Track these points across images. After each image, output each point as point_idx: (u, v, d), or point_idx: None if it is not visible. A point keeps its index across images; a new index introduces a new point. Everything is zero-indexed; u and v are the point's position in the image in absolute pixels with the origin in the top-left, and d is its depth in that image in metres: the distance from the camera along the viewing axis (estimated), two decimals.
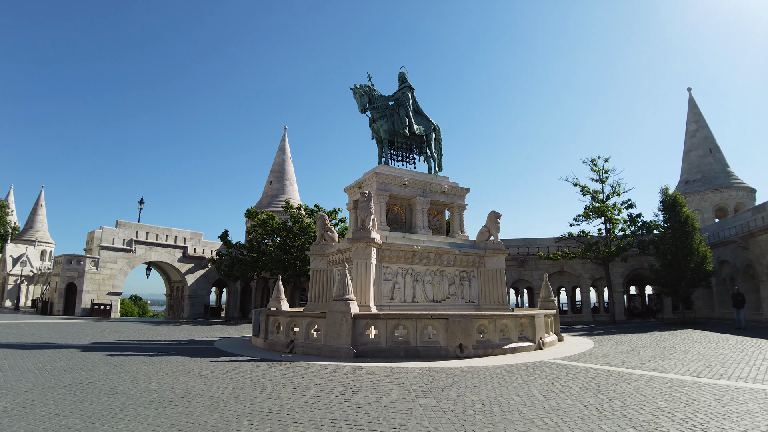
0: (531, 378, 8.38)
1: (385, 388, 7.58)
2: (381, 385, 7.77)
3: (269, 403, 6.50)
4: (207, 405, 6.36)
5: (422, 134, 19.08)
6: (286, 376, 8.81)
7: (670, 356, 11.34)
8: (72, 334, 17.59)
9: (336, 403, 6.53)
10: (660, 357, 11.21)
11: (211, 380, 8.28)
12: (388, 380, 8.27)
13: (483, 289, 17.14)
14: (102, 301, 33.49)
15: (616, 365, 9.91)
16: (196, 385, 7.76)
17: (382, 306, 14.84)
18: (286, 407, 6.29)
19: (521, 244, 37.80)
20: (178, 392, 7.20)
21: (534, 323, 13.08)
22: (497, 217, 17.80)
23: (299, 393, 7.21)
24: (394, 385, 7.82)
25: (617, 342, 15.44)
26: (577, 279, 34.90)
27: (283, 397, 6.90)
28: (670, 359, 10.78)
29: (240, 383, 8.01)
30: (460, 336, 11.61)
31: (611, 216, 28.42)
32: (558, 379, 8.19)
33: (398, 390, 7.40)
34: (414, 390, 7.38)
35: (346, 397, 6.96)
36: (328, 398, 6.86)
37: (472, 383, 7.90)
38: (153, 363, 10.39)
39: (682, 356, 11.28)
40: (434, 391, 7.30)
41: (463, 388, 7.47)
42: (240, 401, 6.64)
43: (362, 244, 14.35)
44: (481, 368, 9.66)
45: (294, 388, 7.60)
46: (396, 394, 7.13)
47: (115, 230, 35.83)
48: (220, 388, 7.58)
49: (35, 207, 73.35)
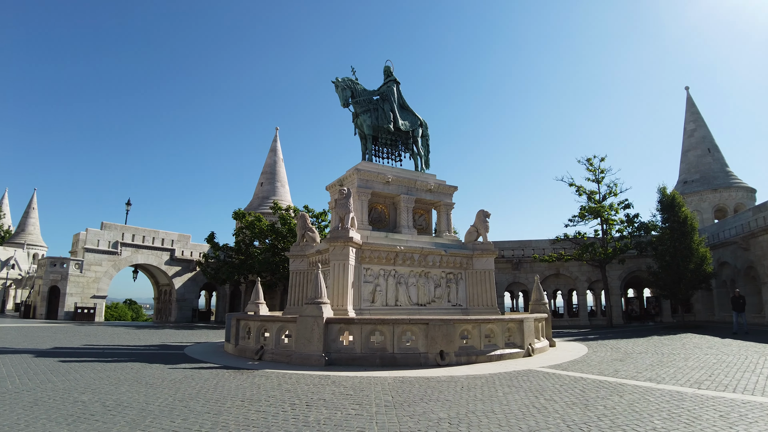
0: (513, 390, 7.49)
1: (346, 402, 6.69)
2: (342, 399, 6.88)
3: (204, 419, 5.69)
4: (131, 420, 5.60)
5: (408, 130, 18.24)
6: (241, 386, 7.94)
7: (669, 364, 10.44)
8: (40, 338, 16.67)
9: (281, 420, 5.68)
10: (658, 365, 10.31)
11: (154, 390, 7.49)
12: (353, 392, 7.38)
13: (471, 291, 16.25)
14: (86, 304, 32.58)
15: (609, 374, 9.02)
16: (134, 396, 6.99)
17: (362, 310, 13.95)
18: (220, 424, 5.49)
19: (516, 246, 36.91)
20: (108, 404, 6.44)
21: (522, 328, 12.19)
22: (486, 216, 16.96)
23: (245, 407, 6.35)
24: (357, 398, 6.93)
25: (613, 348, 14.54)
26: (574, 282, 33.99)
27: (224, 412, 6.07)
28: (669, 367, 9.88)
29: (185, 394, 7.18)
30: (440, 342, 10.71)
31: (608, 217, 27.56)
32: (543, 392, 7.30)
33: (359, 404, 6.52)
34: (377, 405, 6.49)
35: (297, 412, 6.09)
36: (275, 414, 6.00)
37: (445, 396, 7.01)
38: (104, 370, 9.56)
39: (682, 364, 10.39)
40: (399, 406, 6.41)
41: (434, 403, 6.57)
42: (172, 416, 5.84)
43: (340, 243, 13.47)
44: (460, 378, 8.77)
45: (242, 401, 6.74)
46: (355, 409, 6.24)
47: (100, 232, 34.91)
48: (159, 399, 6.80)
49: (27, 210, 72.42)
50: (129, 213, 41.93)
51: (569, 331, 24.61)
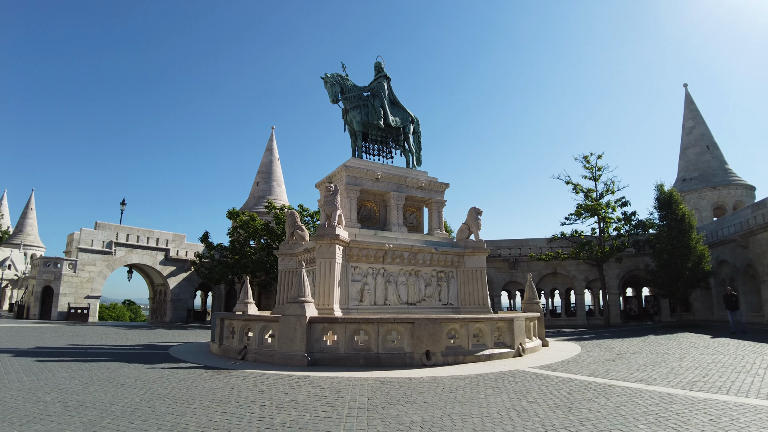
0: (496, 392, 7.17)
1: (318, 404, 6.38)
2: (315, 401, 6.56)
3: (165, 420, 5.44)
4: (88, 421, 5.39)
5: (399, 126, 17.91)
6: (215, 387, 7.65)
7: (663, 364, 10.11)
8: (25, 338, 16.36)
9: (245, 423, 5.40)
10: (651, 365, 9.98)
11: (123, 390, 7.25)
12: (329, 394, 7.06)
13: (462, 290, 15.93)
14: (80, 304, 32.26)
15: (599, 375, 8.70)
16: (100, 396, 6.75)
17: (350, 309, 13.63)
18: (180, 425, 5.24)
19: (513, 245, 36.57)
20: (69, 405, 6.20)
21: (513, 327, 11.87)
22: (478, 214, 16.64)
23: (212, 408, 6.07)
24: (331, 400, 6.61)
25: (607, 348, 14.21)
26: (571, 281, 33.64)
27: (189, 413, 5.81)
28: (662, 368, 9.55)
29: (154, 394, 6.93)
30: (426, 342, 10.39)
31: (605, 215, 27.20)
32: (527, 393, 6.98)
33: (331, 406, 6.21)
34: (350, 407, 6.18)
35: (264, 414, 5.81)
36: (241, 416, 5.71)
37: (423, 398, 6.69)
38: (79, 370, 9.29)
39: (676, 364, 10.06)
40: (373, 408, 6.09)
41: (410, 405, 6.25)
42: (133, 417, 5.61)
43: (326, 241, 13.16)
44: (444, 379, 8.45)
45: (211, 402, 6.46)
46: (326, 411, 5.93)
47: (94, 232, 34.61)
48: (125, 399, 6.56)
49: (25, 210, 72.21)
50: (124, 213, 41.73)
51: (566, 331, 24.28)
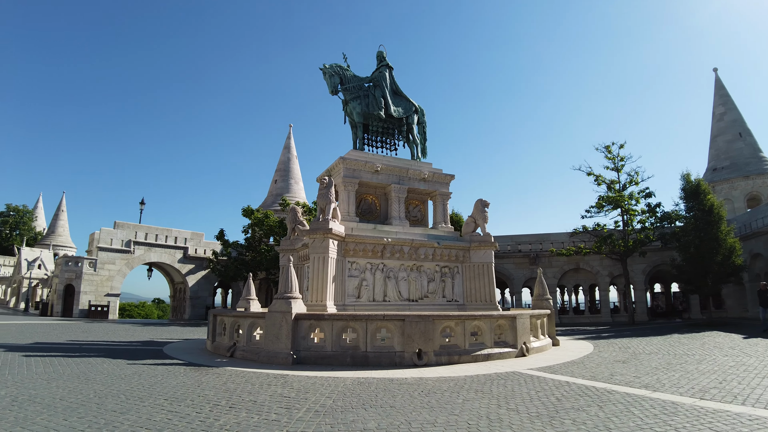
0: (478, 396, 6.50)
1: (276, 405, 5.90)
2: (275, 402, 6.08)
3: (104, 417, 5.36)
4: (23, 417, 5.32)
5: (401, 117, 17.24)
6: (182, 384, 7.37)
7: (677, 367, 9.17)
8: (30, 334, 16.51)
9: (184, 423, 5.08)
10: (664, 368, 9.06)
11: (86, 385, 7.17)
12: (295, 395, 6.56)
13: (468, 286, 15.18)
14: (100, 302, 32.90)
15: (602, 379, 7.88)
16: (57, 392, 6.67)
17: (346, 305, 13.12)
18: (114, 422, 5.09)
19: (533, 240, 35.40)
20: (18, 399, 6.19)
21: (515, 325, 11.09)
22: (485, 206, 15.83)
23: (161, 406, 5.80)
24: (292, 401, 6.10)
25: (622, 347, 13.24)
26: (595, 276, 32.23)
27: (133, 410, 5.60)
28: (675, 371, 8.63)
29: (113, 390, 6.79)
30: (418, 340, 9.76)
31: (628, 207, 25.78)
32: (511, 399, 6.29)
33: (287, 409, 5.72)
34: (308, 410, 5.66)
35: (210, 414, 5.45)
36: (185, 415, 5.39)
37: (392, 402, 6.09)
38: (59, 365, 9.24)
39: (693, 367, 9.10)
40: (331, 412, 5.55)
41: (374, 410, 5.68)
42: (74, 412, 5.54)
43: (319, 235, 12.66)
44: (429, 380, 7.82)
45: (165, 400, 6.17)
46: (278, 414, 5.46)
47: (113, 231, 35.26)
48: (79, 395, 6.45)
49: (57, 212, 74.82)
50: (143, 212, 42.48)
51: (586, 329, 23.16)
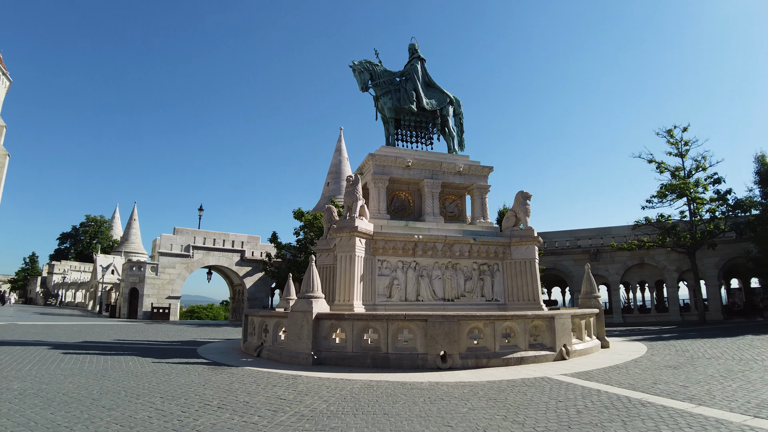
0: (489, 405, 5.90)
1: (265, 407, 5.75)
2: (268, 404, 5.94)
3: (91, 412, 5.47)
4: (18, 409, 5.57)
5: (434, 109, 16.62)
6: (190, 383, 7.47)
7: (738, 375, 7.93)
8: (85, 333, 17.63)
9: (162, 422, 5.07)
10: (721, 376, 7.87)
11: (97, 381, 7.51)
12: (293, 397, 6.34)
13: (509, 284, 14.33)
14: (161, 304, 34.86)
15: (641, 388, 6.92)
16: (64, 387, 7.02)
17: (376, 305, 12.78)
18: (96, 417, 5.23)
19: (593, 235, 33.20)
20: (26, 392, 6.57)
21: (554, 326, 10.20)
22: (526, 199, 14.89)
23: (154, 404, 5.91)
24: (285, 404, 5.88)
25: (679, 350, 11.84)
26: (661, 272, 29.60)
27: (122, 407, 5.77)
28: (734, 380, 7.46)
29: (119, 387, 7.05)
30: (442, 342, 9.20)
31: (694, 195, 23.37)
32: (523, 410, 5.64)
33: (274, 412, 5.55)
34: (293, 414, 5.44)
35: (192, 414, 5.43)
36: (166, 413, 5.43)
37: (389, 410, 5.65)
38: (86, 362, 9.70)
39: (757, 376, 7.84)
40: (316, 418, 5.28)
41: (364, 416, 5.29)
42: (65, 407, 5.69)
43: (345, 234, 12.42)
44: (445, 386, 7.29)
45: (162, 398, 6.28)
46: (261, 416, 5.34)
47: (173, 237, 37.26)
48: (85, 390, 6.77)
49: (129, 221, 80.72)
50: (201, 218, 44.61)
51: (648, 329, 21.25)
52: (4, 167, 40.46)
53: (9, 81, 42.02)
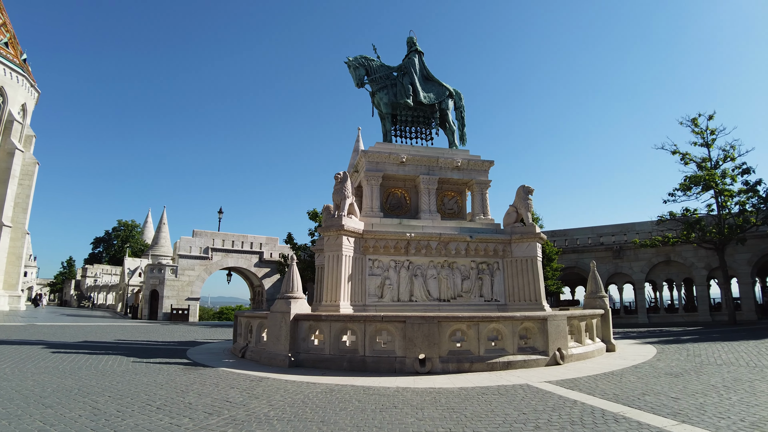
0: (440, 416, 5.43)
1: (204, 409, 5.61)
2: (210, 406, 5.76)
3: (27, 408, 5.56)
4: None
5: (432, 103, 16.06)
6: (152, 382, 7.46)
7: (744, 386, 7.08)
8: (92, 333, 17.91)
9: (89, 420, 5.09)
10: (722, 387, 7.03)
11: (61, 379, 7.50)
12: (243, 400, 6.11)
13: (510, 284, 13.65)
14: (181, 306, 35.45)
15: (625, 400, 6.19)
16: (22, 383, 7.13)
17: (366, 306, 12.36)
18: (26, 414, 5.30)
19: (617, 231, 31.82)
20: None
21: (546, 329, 9.52)
22: (528, 193, 14.16)
23: (96, 403, 5.96)
24: (228, 407, 5.61)
25: (691, 354, 10.92)
26: (689, 269, 28.00)
27: (62, 405, 5.81)
28: (737, 392, 6.64)
29: (78, 385, 7.11)
30: (421, 345, 8.70)
31: (722, 187, 21.88)
32: (475, 422, 5.14)
33: (210, 414, 5.47)
34: (226, 417, 5.27)
35: (126, 413, 5.43)
36: (103, 413, 5.44)
37: (327, 418, 5.24)
38: (66, 361, 9.78)
39: (766, 387, 6.98)
40: (244, 423, 5.00)
41: (293, 423, 4.93)
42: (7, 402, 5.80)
43: (332, 233, 12.06)
44: (410, 392, 6.81)
45: (110, 397, 6.32)
46: (192, 420, 5.24)
47: (192, 239, 37.87)
48: (41, 387, 6.79)
49: (159, 225, 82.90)
50: (221, 220, 45.23)
51: (671, 330, 20.04)
52: (34, 175, 42.17)
53: (38, 92, 43.75)
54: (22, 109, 41.03)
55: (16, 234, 38.92)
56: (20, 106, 40.61)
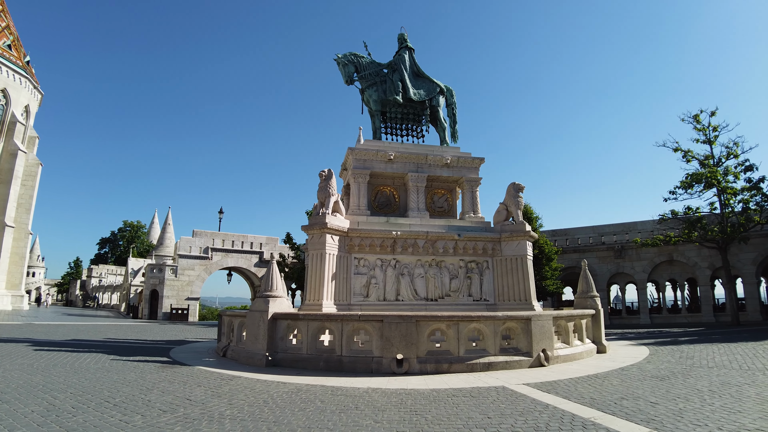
0: (403, 419, 5.19)
1: (160, 408, 5.51)
2: (168, 404, 5.61)
3: None
4: None
5: (423, 99, 15.80)
6: (120, 380, 7.39)
7: (728, 391, 6.72)
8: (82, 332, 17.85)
9: (39, 416, 5.04)
10: (707, 392, 6.69)
11: (32, 376, 7.53)
12: (203, 398, 5.92)
13: (499, 283, 13.36)
14: (180, 305, 35.46)
15: (601, 405, 5.87)
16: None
17: (351, 305, 12.13)
18: None
19: (618, 230, 31.35)
20: None
21: (530, 329, 9.23)
22: (518, 191, 13.86)
23: (54, 399, 5.96)
24: (185, 406, 5.46)
25: (683, 356, 10.57)
26: (692, 269, 27.45)
27: (19, 401, 5.71)
28: (721, 397, 6.31)
29: (44, 381, 7.14)
30: (398, 345, 8.46)
31: (724, 185, 21.39)
32: (435, 425, 4.89)
33: (164, 412, 5.51)
34: (179, 416, 5.21)
35: (80, 410, 5.37)
36: (56, 409, 5.41)
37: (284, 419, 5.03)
38: (43, 358, 9.79)
39: (753, 392, 6.61)
40: (194, 422, 4.86)
41: (247, 424, 4.74)
42: None
43: (316, 231, 11.86)
44: (381, 393, 6.60)
45: (72, 393, 6.33)
46: (144, 417, 5.18)
47: (191, 239, 37.90)
48: (5, 384, 6.78)
49: (164, 226, 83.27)
50: (222, 220, 45.25)
51: (670, 331, 19.63)
52: (37, 176, 42.38)
53: (41, 94, 44.02)
54: (25, 110, 41.30)
55: (19, 234, 39.13)
56: (23, 107, 40.88)
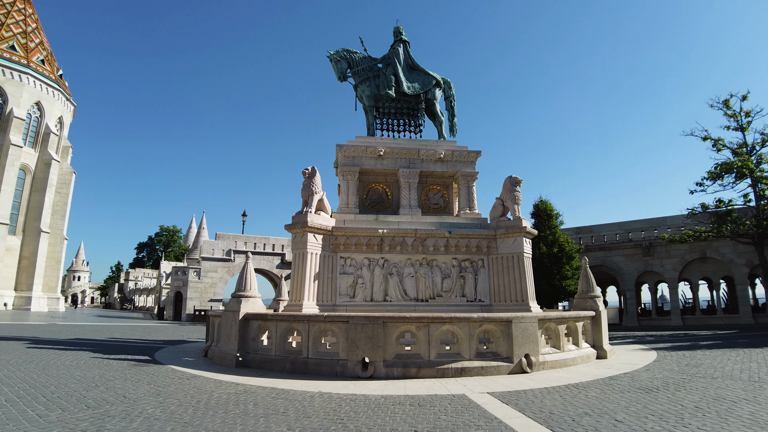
0: (322, 428, 4.78)
1: (94, 405, 5.34)
2: (105, 402, 5.65)
3: None
4: None
5: (417, 93, 15.28)
6: (82, 377, 7.47)
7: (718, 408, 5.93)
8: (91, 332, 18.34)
9: None
10: (693, 408, 5.88)
11: None
12: (145, 396, 5.78)
13: (495, 282, 12.69)
14: (203, 307, 36.15)
15: (554, 423, 5.17)
16: None
17: (336, 306, 11.80)
18: None
19: (646, 226, 29.66)
20: None
21: (510, 332, 8.60)
22: (515, 185, 13.14)
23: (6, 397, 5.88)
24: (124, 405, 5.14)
25: (689, 364, 9.58)
26: (728, 267, 25.55)
27: None
28: (706, 415, 5.50)
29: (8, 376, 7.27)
30: (363, 347, 8.05)
31: (759, 174, 19.74)
32: None
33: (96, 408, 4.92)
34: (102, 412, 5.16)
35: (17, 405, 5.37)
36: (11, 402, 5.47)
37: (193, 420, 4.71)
38: (29, 354, 10.10)
39: (748, 409, 5.71)
40: (112, 418, 4.72)
41: (164, 424, 4.43)
42: None
43: (298, 230, 11.59)
44: (326, 398, 6.23)
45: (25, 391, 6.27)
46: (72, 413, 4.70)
47: (214, 242, 38.66)
48: None
49: (198, 230, 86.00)
50: (245, 223, 46.00)
51: (697, 334, 18.29)
52: (71, 184, 44.40)
53: (73, 105, 46.13)
54: (58, 121, 43.36)
55: (54, 239, 41.08)
56: (57, 119, 42.93)
